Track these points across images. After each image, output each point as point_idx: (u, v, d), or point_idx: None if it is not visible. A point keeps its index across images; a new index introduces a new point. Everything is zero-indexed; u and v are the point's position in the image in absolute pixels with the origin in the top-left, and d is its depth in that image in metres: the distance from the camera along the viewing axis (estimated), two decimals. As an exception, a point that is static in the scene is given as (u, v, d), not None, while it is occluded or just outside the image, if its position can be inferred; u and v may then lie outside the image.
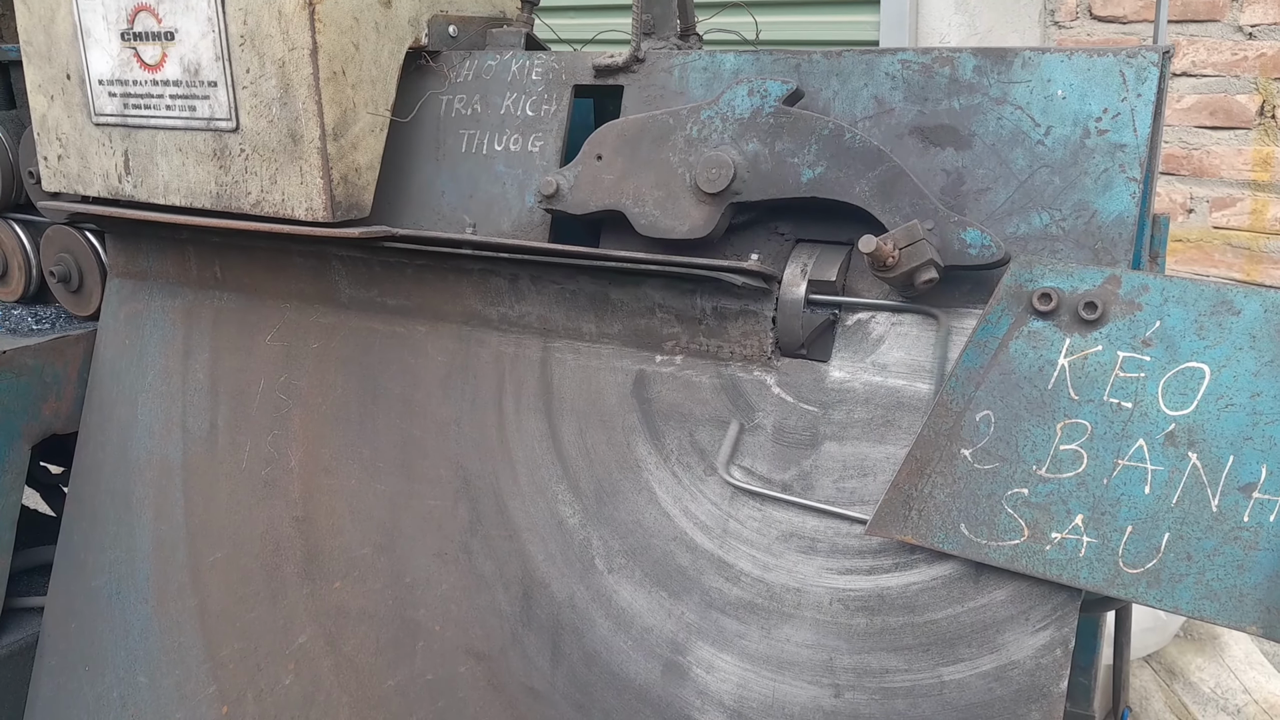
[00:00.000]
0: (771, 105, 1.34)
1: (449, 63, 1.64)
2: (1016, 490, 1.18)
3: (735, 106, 1.36)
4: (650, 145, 1.42)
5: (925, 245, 1.21)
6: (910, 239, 1.21)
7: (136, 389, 1.91)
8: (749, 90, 1.35)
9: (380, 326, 1.68)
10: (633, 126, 1.43)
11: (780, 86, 1.33)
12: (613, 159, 1.44)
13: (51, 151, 1.84)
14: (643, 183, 1.42)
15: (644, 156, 1.42)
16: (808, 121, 1.32)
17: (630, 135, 1.43)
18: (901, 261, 1.21)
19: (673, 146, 1.40)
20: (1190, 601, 1.10)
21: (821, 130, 1.31)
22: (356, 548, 1.66)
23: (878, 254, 1.20)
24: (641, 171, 1.42)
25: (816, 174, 1.31)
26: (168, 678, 1.81)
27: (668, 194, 1.40)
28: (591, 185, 1.46)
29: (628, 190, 1.43)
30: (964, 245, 1.23)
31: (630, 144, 1.43)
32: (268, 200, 1.58)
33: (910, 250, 1.21)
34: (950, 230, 1.24)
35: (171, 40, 1.61)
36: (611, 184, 1.44)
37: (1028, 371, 1.18)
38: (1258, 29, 2.98)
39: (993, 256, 1.22)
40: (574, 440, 1.50)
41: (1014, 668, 1.20)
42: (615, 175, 1.44)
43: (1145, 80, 1.21)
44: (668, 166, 1.40)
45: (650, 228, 1.42)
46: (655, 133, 1.41)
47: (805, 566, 1.32)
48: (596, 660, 1.44)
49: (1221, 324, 1.11)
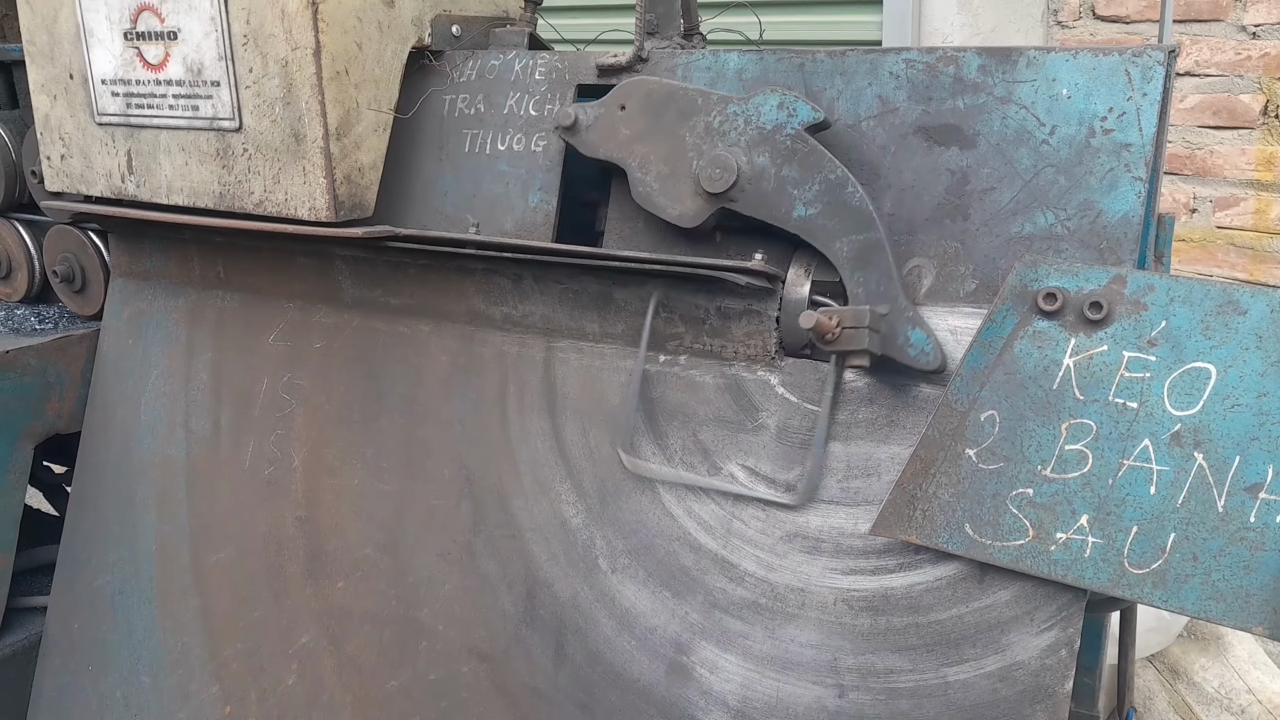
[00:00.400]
0: (794, 127, 1.33)
1: (452, 62, 1.64)
2: (1021, 490, 1.18)
3: (762, 114, 1.35)
4: (673, 116, 1.41)
5: (865, 334, 1.23)
6: (855, 323, 1.24)
7: (139, 389, 1.91)
8: (779, 103, 1.34)
9: (384, 326, 1.68)
10: (663, 90, 1.42)
11: (810, 112, 1.32)
12: (635, 115, 1.43)
13: (54, 151, 1.84)
14: (654, 150, 1.41)
15: (664, 125, 1.41)
16: (820, 159, 1.31)
17: (658, 99, 1.42)
18: (840, 340, 1.24)
19: (692, 127, 1.39)
20: (1196, 602, 1.10)
21: (829, 173, 1.30)
22: (359, 548, 1.65)
23: (818, 328, 1.23)
24: (657, 138, 1.41)
25: (808, 214, 1.32)
26: (171, 678, 1.81)
27: (671, 171, 1.40)
28: (607, 132, 1.45)
29: (638, 152, 1.42)
30: (906, 342, 1.26)
31: (656, 107, 1.42)
32: (271, 200, 1.58)
33: (850, 333, 1.24)
34: (901, 324, 1.26)
35: (174, 40, 1.61)
36: (626, 139, 1.44)
37: (1033, 371, 1.18)
38: (1261, 29, 2.98)
39: (927, 364, 1.25)
40: (577, 440, 1.50)
41: (1019, 668, 1.20)
42: (632, 132, 1.43)
43: (1151, 80, 1.21)
44: (681, 145, 1.40)
45: (644, 198, 1.42)
46: (681, 106, 1.41)
47: (809, 566, 1.32)
48: (600, 660, 1.44)
49: (1227, 324, 1.11)
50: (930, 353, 1.24)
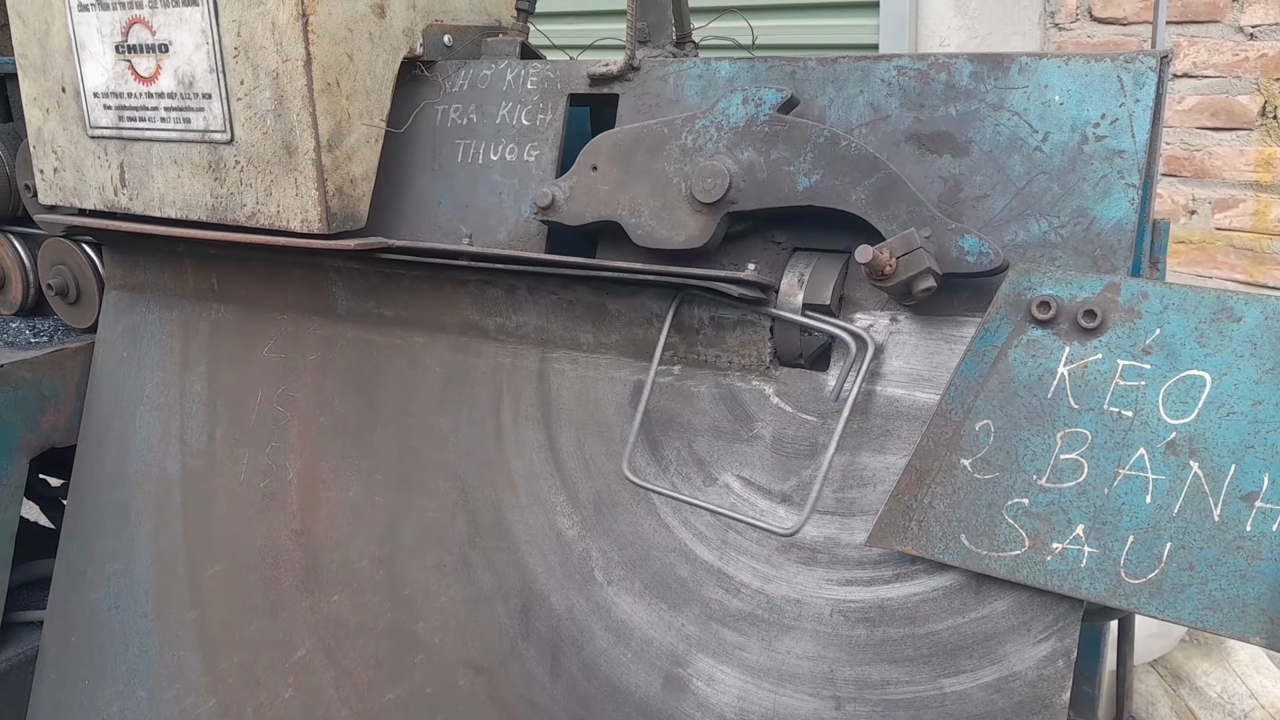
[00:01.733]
0: (766, 113, 1.33)
1: (444, 72, 1.64)
2: (1017, 500, 1.17)
3: (730, 115, 1.35)
4: (645, 155, 1.41)
5: (922, 254, 1.19)
6: (907, 247, 1.20)
7: (134, 401, 1.90)
8: (744, 99, 1.34)
9: (378, 338, 1.67)
10: (627, 136, 1.42)
11: (775, 94, 1.32)
12: (608, 169, 1.43)
13: (48, 164, 1.84)
14: (638, 193, 1.41)
15: (639, 166, 1.41)
16: (803, 129, 1.31)
17: (625, 145, 1.42)
18: (899, 270, 1.20)
19: (668, 156, 1.39)
20: (1193, 612, 1.09)
21: (817, 138, 1.30)
22: (355, 560, 1.65)
23: (875, 263, 1.19)
24: (637, 182, 1.41)
25: (812, 182, 1.31)
26: (167, 691, 1.81)
27: (664, 204, 1.40)
28: (587, 196, 1.45)
29: (623, 201, 1.42)
30: (962, 253, 1.22)
31: (625, 154, 1.42)
32: (263, 212, 1.58)
33: (907, 259, 1.20)
34: (948, 238, 1.22)
35: (166, 52, 1.61)
36: (607, 195, 1.43)
37: (1027, 380, 1.17)
38: (1259, 29, 2.97)
39: (990, 264, 1.21)
40: (572, 451, 1.49)
41: (1016, 679, 1.19)
42: (611, 186, 1.43)
43: (1143, 85, 1.20)
44: (663, 176, 1.40)
45: (646, 238, 1.41)
46: (650, 142, 1.41)
47: (805, 578, 1.32)
48: (596, 673, 1.43)
49: (1222, 331, 1.10)
50: (990, 252, 1.20)
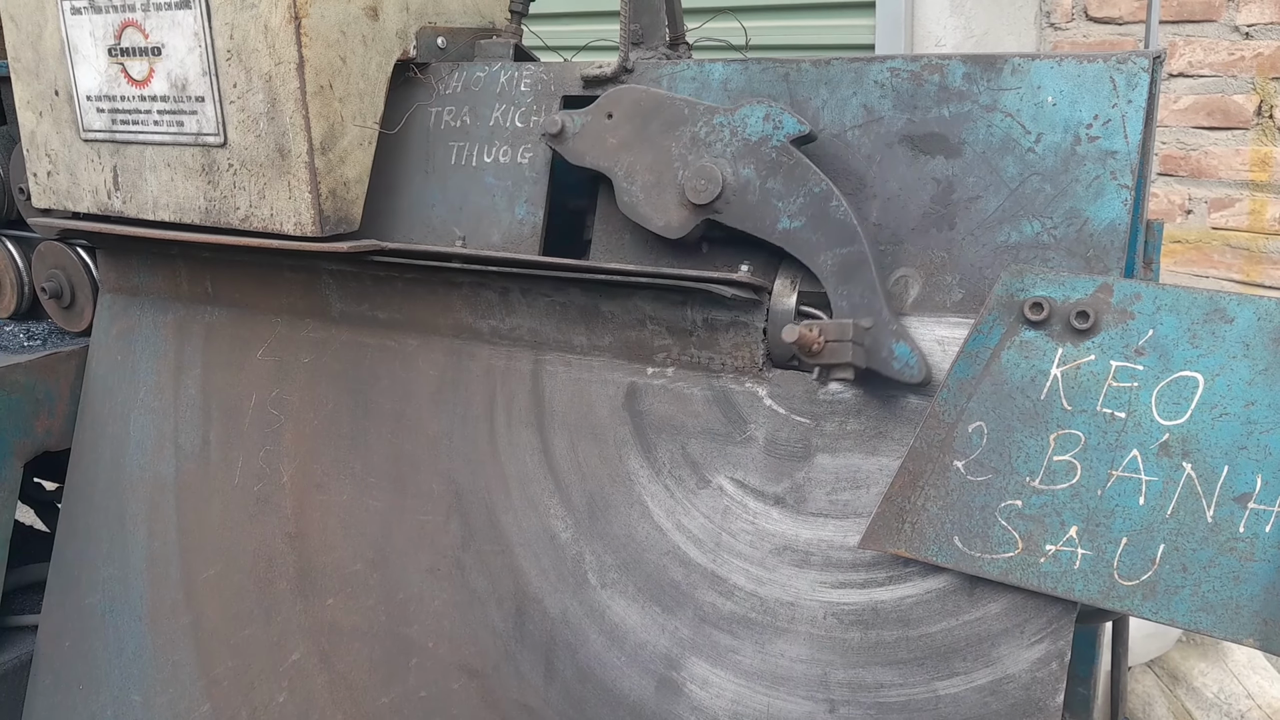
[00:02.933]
0: (780, 139, 1.32)
1: (437, 74, 1.63)
2: (1010, 502, 1.17)
3: (747, 125, 1.34)
4: (660, 126, 1.40)
5: (848, 348, 1.23)
6: (838, 336, 1.24)
7: (129, 405, 1.90)
8: (765, 115, 1.33)
9: (371, 340, 1.67)
10: (650, 100, 1.41)
11: (795, 125, 1.31)
12: (622, 123, 1.42)
13: (41, 168, 1.84)
14: (640, 159, 1.40)
15: (650, 134, 1.40)
16: (805, 172, 1.30)
17: (645, 107, 1.41)
18: (824, 353, 1.24)
19: (678, 137, 1.39)
20: (1186, 614, 1.09)
21: (814, 187, 1.29)
22: (349, 564, 1.65)
23: (802, 341, 1.23)
24: (643, 148, 1.40)
25: (792, 227, 1.31)
26: (161, 696, 1.80)
27: (657, 181, 1.39)
28: (594, 140, 1.44)
29: (624, 160, 1.41)
30: (891, 355, 1.25)
31: (643, 116, 1.41)
32: (256, 215, 1.57)
33: (834, 346, 1.24)
34: (885, 337, 1.25)
35: (158, 55, 1.61)
36: (612, 147, 1.42)
37: (1020, 382, 1.17)
38: (1254, 29, 2.97)
39: (911, 377, 1.24)
40: (566, 454, 1.49)
41: (1010, 681, 1.19)
42: (618, 140, 1.42)
43: (1136, 86, 1.20)
44: (667, 155, 1.39)
45: (630, 208, 1.41)
46: (668, 116, 1.40)
47: (799, 580, 1.31)
48: (590, 676, 1.43)
49: (1215, 332, 1.10)
50: (914, 365, 1.23)
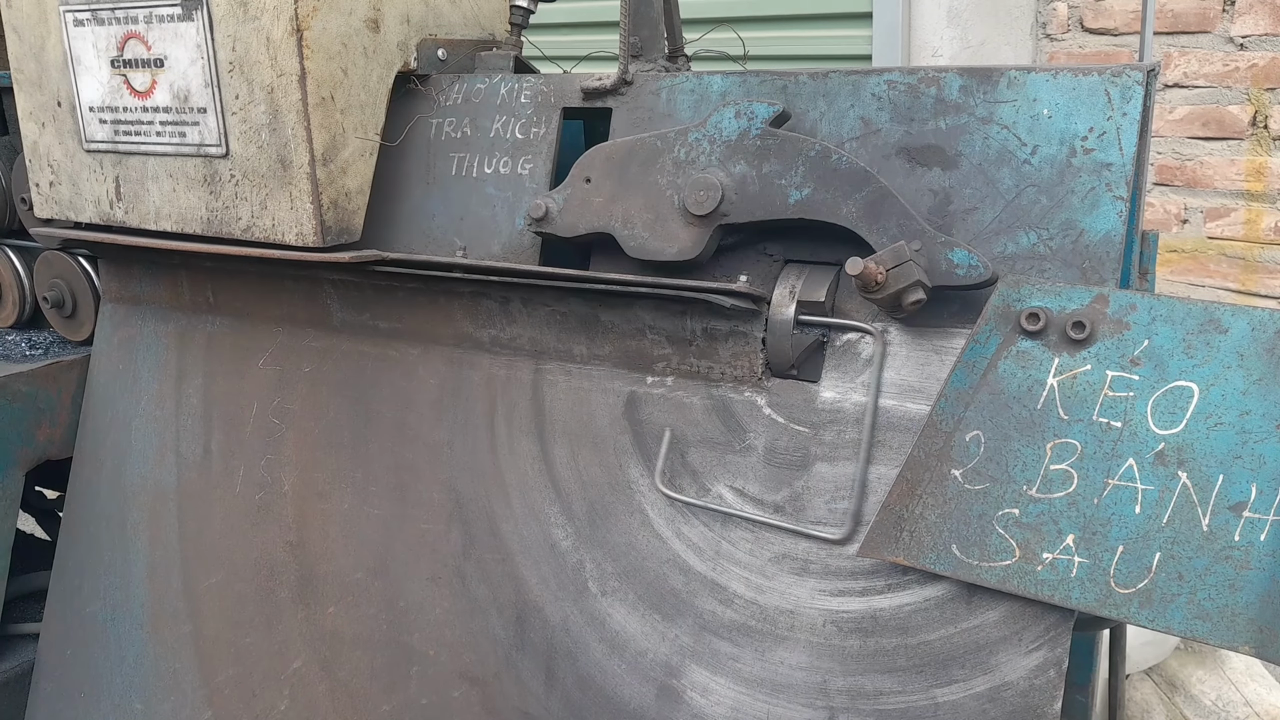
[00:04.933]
0: (758, 127, 1.34)
1: (438, 86, 1.65)
2: (1007, 510, 1.18)
3: (722, 129, 1.36)
4: (639, 168, 1.42)
5: (912, 266, 1.20)
6: (897, 260, 1.21)
7: (130, 414, 1.91)
8: (736, 113, 1.35)
9: (372, 350, 1.68)
10: (621, 149, 1.43)
11: (767, 109, 1.33)
12: (601, 182, 1.44)
13: (43, 178, 1.85)
14: (631, 205, 1.42)
15: (632, 179, 1.42)
16: (794, 143, 1.32)
17: (618, 158, 1.43)
18: (889, 283, 1.21)
19: (661, 169, 1.40)
20: (1182, 621, 1.10)
21: (808, 151, 1.31)
22: (350, 572, 1.65)
23: (865, 275, 1.20)
24: (630, 194, 1.42)
25: (804, 195, 1.32)
26: (163, 704, 1.81)
27: (656, 216, 1.41)
28: (581, 208, 1.46)
29: (617, 213, 1.43)
30: (951, 265, 1.23)
31: (619, 166, 1.43)
32: (258, 225, 1.59)
33: (897, 271, 1.21)
34: (937, 250, 1.23)
35: (161, 67, 1.62)
36: (600, 206, 1.44)
37: (1017, 391, 1.18)
38: (1248, 40, 2.99)
39: (980, 276, 1.22)
40: (566, 462, 1.50)
41: (1008, 689, 1.19)
42: (604, 198, 1.44)
43: (1130, 99, 1.21)
44: (656, 189, 1.41)
45: (639, 250, 1.42)
46: (643, 155, 1.42)
47: (798, 588, 1.32)
48: (590, 684, 1.44)
49: (1209, 342, 1.11)
50: (979, 264, 1.21)
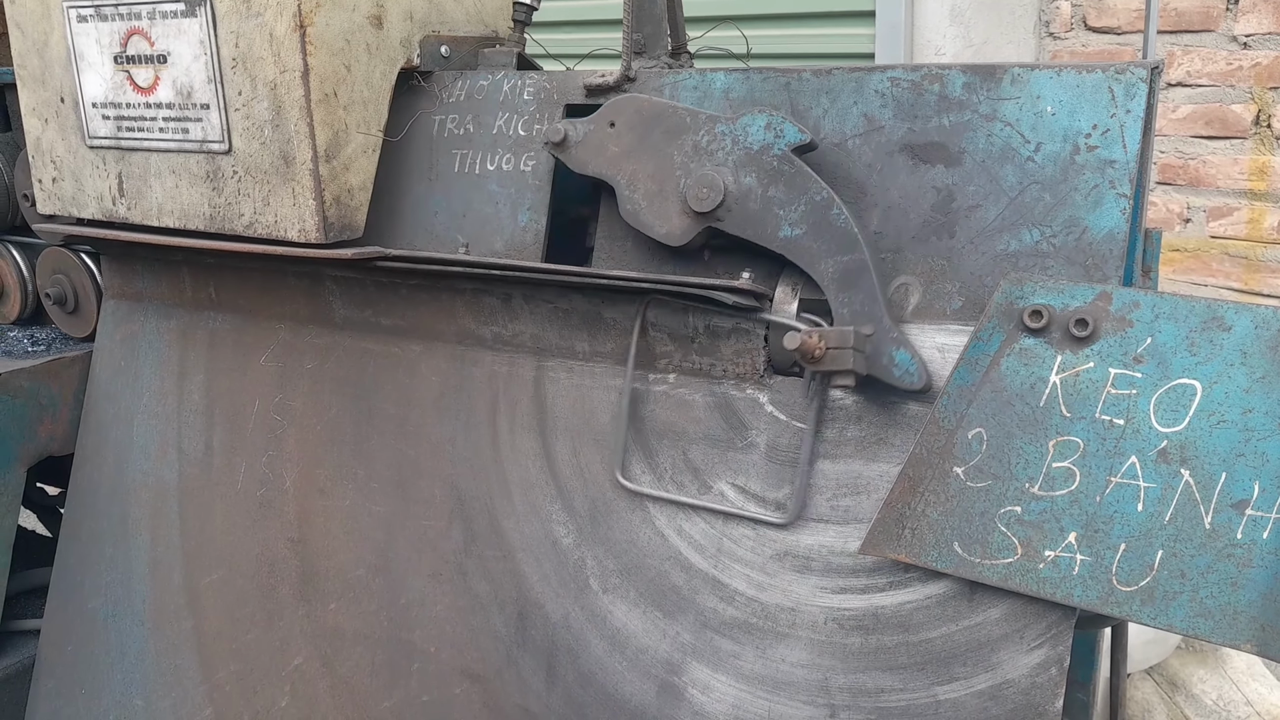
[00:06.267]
0: (781, 148, 1.33)
1: (441, 83, 1.65)
2: (1009, 508, 1.18)
3: (749, 134, 1.35)
4: (662, 135, 1.41)
5: (849, 355, 1.24)
6: (840, 344, 1.25)
7: (132, 410, 1.91)
8: (767, 124, 1.34)
9: (374, 346, 1.68)
10: (652, 109, 1.42)
11: (797, 134, 1.32)
12: (624, 132, 1.43)
13: (46, 174, 1.85)
14: (642, 168, 1.42)
15: (653, 142, 1.42)
16: (806, 180, 1.31)
17: (647, 116, 1.42)
18: (825, 360, 1.25)
19: (680, 146, 1.40)
20: (1184, 619, 1.10)
21: (815, 195, 1.30)
22: (352, 569, 1.65)
23: (804, 348, 1.24)
24: (645, 156, 1.42)
25: (793, 235, 1.32)
26: (164, 700, 1.81)
27: (659, 189, 1.40)
28: (596, 149, 1.45)
29: (626, 169, 1.43)
30: (892, 362, 1.26)
31: (645, 124, 1.42)
32: (261, 222, 1.58)
33: (835, 353, 1.25)
34: (886, 344, 1.26)
35: (164, 63, 1.62)
36: (615, 156, 1.44)
37: (1019, 389, 1.18)
38: (1252, 38, 2.98)
39: (911, 384, 1.25)
40: (568, 459, 1.50)
41: (1009, 686, 1.19)
42: (621, 149, 1.43)
43: (1134, 96, 1.21)
44: (670, 163, 1.40)
45: (632, 215, 1.42)
46: (670, 125, 1.41)
47: (800, 586, 1.32)
48: (592, 681, 1.44)
49: (1213, 340, 1.11)
50: (915, 372, 1.24)
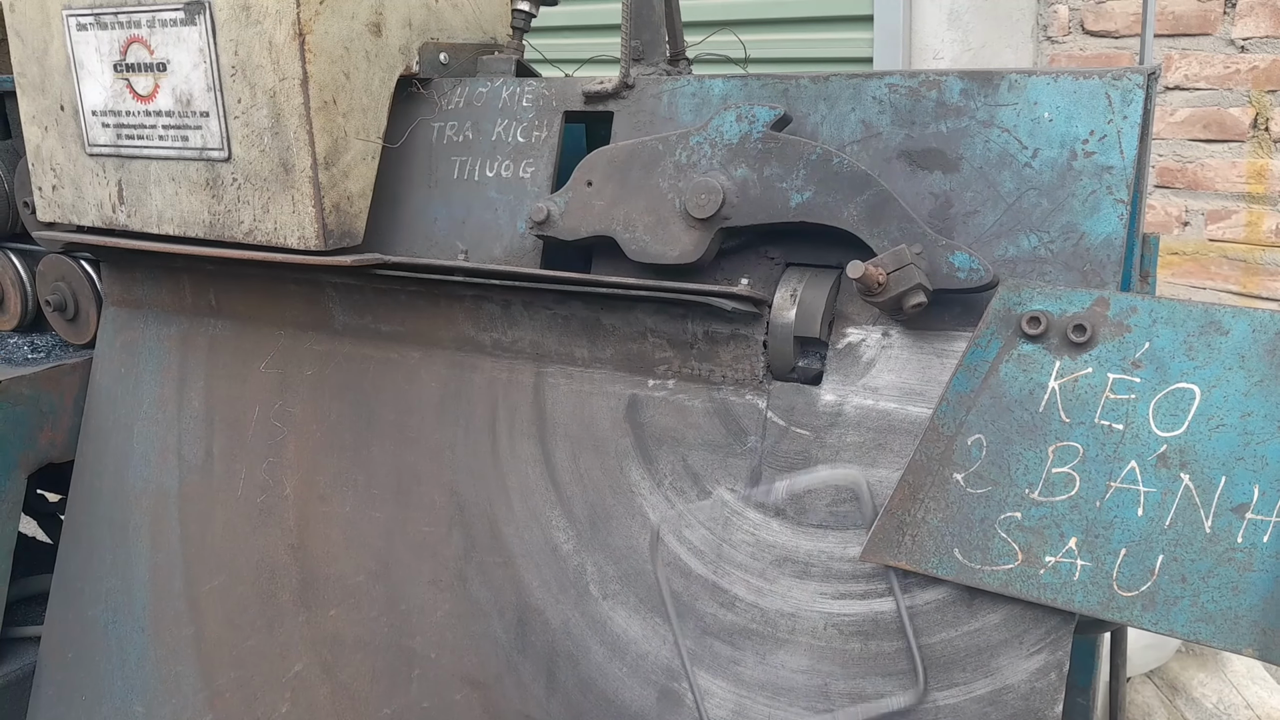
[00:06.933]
0: (759, 130, 1.34)
1: (440, 90, 1.65)
2: (1009, 514, 1.18)
3: (724, 132, 1.36)
4: (640, 171, 1.42)
5: (913, 269, 1.21)
6: (898, 263, 1.21)
7: (132, 417, 1.91)
8: (737, 116, 1.35)
9: (374, 353, 1.68)
10: (622, 153, 1.43)
11: (768, 112, 1.34)
12: (603, 185, 1.44)
13: (46, 182, 1.85)
14: (633, 209, 1.42)
15: (634, 182, 1.42)
16: (795, 146, 1.32)
17: (620, 161, 1.43)
18: (890, 286, 1.21)
19: (662, 172, 1.40)
20: (1185, 624, 1.10)
21: (809, 155, 1.31)
22: (351, 575, 1.65)
23: (866, 278, 1.20)
24: (632, 197, 1.42)
25: (805, 198, 1.32)
26: (164, 707, 1.81)
27: (658, 220, 1.41)
28: (582, 211, 1.46)
29: (618, 216, 1.43)
30: (952, 268, 1.23)
31: (620, 170, 1.43)
32: (260, 229, 1.59)
33: (898, 274, 1.21)
34: (938, 254, 1.24)
35: (164, 71, 1.62)
36: (602, 210, 1.44)
37: (1018, 395, 1.18)
38: (1249, 42, 2.99)
39: (980, 279, 1.22)
40: (567, 465, 1.50)
41: (1009, 692, 1.19)
42: (606, 201, 1.44)
43: (1131, 102, 1.21)
44: (657, 192, 1.41)
45: (641, 253, 1.42)
46: (645, 159, 1.42)
47: (799, 591, 1.32)
48: (591, 687, 1.44)
49: (1210, 344, 1.11)
50: (980, 268, 1.22)
